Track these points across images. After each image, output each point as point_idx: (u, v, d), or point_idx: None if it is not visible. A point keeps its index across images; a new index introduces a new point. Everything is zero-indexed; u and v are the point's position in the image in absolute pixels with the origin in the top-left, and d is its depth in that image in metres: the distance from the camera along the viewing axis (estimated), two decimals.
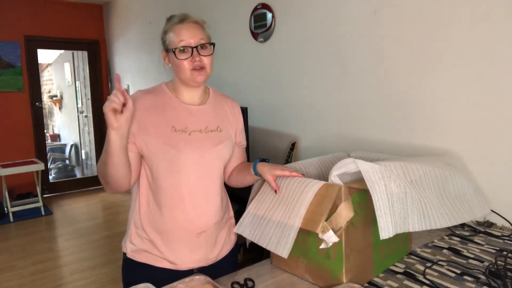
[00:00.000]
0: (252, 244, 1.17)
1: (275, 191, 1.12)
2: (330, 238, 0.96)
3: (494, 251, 1.24)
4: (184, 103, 1.23)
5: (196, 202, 1.20)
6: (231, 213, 1.36)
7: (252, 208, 1.17)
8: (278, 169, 1.14)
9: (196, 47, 1.16)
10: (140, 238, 1.23)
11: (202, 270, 1.23)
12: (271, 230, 1.07)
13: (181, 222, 1.19)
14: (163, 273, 1.20)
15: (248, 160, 1.43)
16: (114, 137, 1.05)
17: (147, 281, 0.99)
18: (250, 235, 1.13)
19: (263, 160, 1.22)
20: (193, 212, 1.19)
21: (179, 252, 1.21)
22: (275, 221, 1.07)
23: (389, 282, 1.06)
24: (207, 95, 1.30)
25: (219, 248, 1.28)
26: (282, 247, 1.02)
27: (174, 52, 1.16)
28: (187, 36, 1.16)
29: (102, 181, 1.17)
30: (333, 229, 0.96)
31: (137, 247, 1.23)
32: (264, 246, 1.07)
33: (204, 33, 1.20)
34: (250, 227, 1.15)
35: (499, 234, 1.38)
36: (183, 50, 1.16)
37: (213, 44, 1.21)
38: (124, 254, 1.26)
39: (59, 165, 6.46)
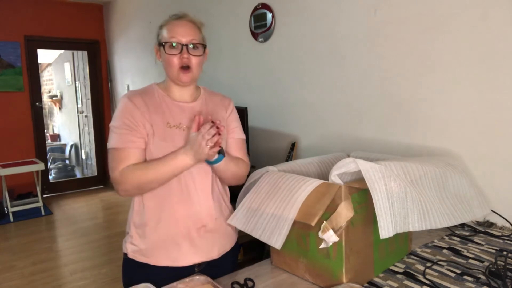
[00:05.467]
0: (252, 243, 1.17)
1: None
2: (330, 237, 0.96)
3: (494, 251, 1.24)
4: (176, 101, 1.25)
5: (194, 198, 1.21)
6: (232, 210, 1.36)
7: (247, 201, 1.16)
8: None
9: (186, 45, 1.18)
10: (141, 238, 1.23)
11: (202, 269, 1.23)
12: (264, 221, 1.07)
13: (180, 217, 1.20)
14: (164, 272, 1.20)
15: (250, 159, 1.43)
16: (193, 163, 1.13)
17: (148, 281, 0.99)
18: (244, 227, 1.13)
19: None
20: (191, 207, 1.20)
21: (180, 248, 1.21)
22: (269, 212, 1.07)
23: (389, 282, 1.06)
24: (198, 92, 1.32)
25: (219, 244, 1.28)
26: (275, 238, 1.01)
27: (164, 46, 1.18)
28: (179, 33, 1.18)
29: (133, 189, 1.17)
30: (333, 229, 0.96)
31: (138, 248, 1.23)
32: (257, 237, 1.07)
33: (198, 34, 1.22)
34: (244, 219, 1.14)
35: (499, 234, 1.38)
36: (173, 45, 1.18)
37: (205, 46, 1.23)
38: (125, 254, 1.26)
39: (59, 165, 6.45)
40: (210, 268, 1.24)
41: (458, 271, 1.11)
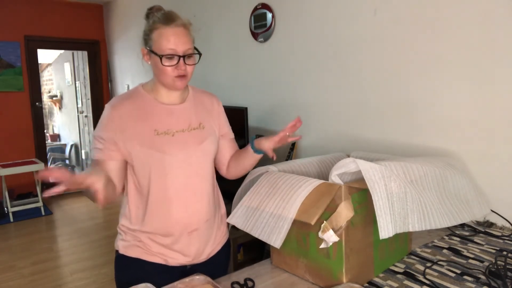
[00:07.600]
0: (252, 243, 1.17)
1: (272, 158, 1.23)
2: (330, 237, 0.96)
3: (494, 251, 1.24)
4: (164, 104, 1.22)
5: (186, 202, 1.20)
6: (223, 210, 1.36)
7: (246, 200, 1.16)
8: (274, 137, 1.23)
9: (183, 56, 1.15)
10: (132, 236, 1.23)
11: (195, 266, 1.24)
12: (264, 220, 1.07)
13: (171, 223, 1.19)
14: (156, 268, 1.21)
15: None
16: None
17: (140, 276, 1.00)
18: (243, 226, 1.13)
19: (259, 136, 1.25)
20: (184, 212, 1.20)
21: (171, 251, 1.21)
22: (269, 211, 1.06)
23: (389, 282, 1.06)
24: (186, 92, 1.29)
25: (211, 245, 1.28)
26: (275, 237, 1.01)
27: (160, 58, 1.14)
28: (174, 43, 1.13)
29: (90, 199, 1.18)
30: (333, 229, 0.96)
31: (129, 243, 1.23)
32: (256, 235, 1.07)
33: (191, 39, 1.18)
34: (244, 218, 1.14)
35: (499, 234, 1.38)
36: (169, 57, 1.14)
37: (200, 54, 1.20)
38: (117, 251, 1.27)
39: (59, 165, 6.45)
40: (204, 264, 1.25)
41: (458, 271, 1.11)
